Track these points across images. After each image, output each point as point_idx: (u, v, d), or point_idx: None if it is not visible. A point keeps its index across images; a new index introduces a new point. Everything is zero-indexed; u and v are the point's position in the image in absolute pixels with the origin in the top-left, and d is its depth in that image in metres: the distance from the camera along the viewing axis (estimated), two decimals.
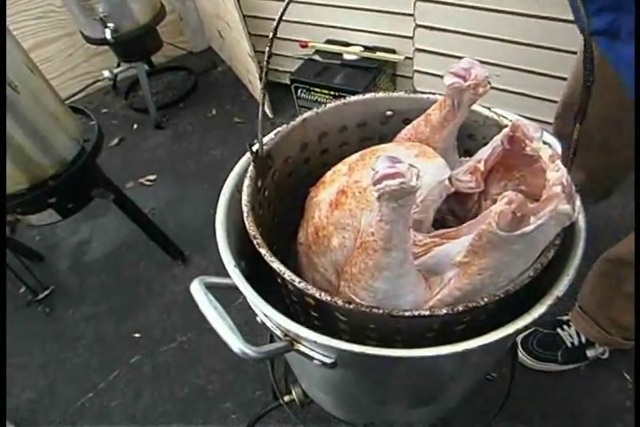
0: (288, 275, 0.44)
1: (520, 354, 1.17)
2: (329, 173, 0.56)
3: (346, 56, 1.65)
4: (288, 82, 1.72)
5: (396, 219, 0.39)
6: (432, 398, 0.63)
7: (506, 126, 0.54)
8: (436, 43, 1.47)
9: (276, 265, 0.45)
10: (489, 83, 0.52)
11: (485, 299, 0.42)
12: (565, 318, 1.18)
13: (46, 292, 1.51)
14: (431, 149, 0.53)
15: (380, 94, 0.63)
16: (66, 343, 1.40)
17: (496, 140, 0.51)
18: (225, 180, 0.60)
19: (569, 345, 1.15)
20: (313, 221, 0.53)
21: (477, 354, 0.49)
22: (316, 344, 0.44)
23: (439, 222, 0.56)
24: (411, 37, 1.52)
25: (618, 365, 1.16)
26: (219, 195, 0.57)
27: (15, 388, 1.33)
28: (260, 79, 0.49)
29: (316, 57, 1.69)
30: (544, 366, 1.17)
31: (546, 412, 1.12)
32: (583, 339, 1.14)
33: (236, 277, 0.46)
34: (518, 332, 0.40)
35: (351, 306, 0.43)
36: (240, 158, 0.62)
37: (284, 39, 1.80)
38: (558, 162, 0.43)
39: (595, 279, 1.05)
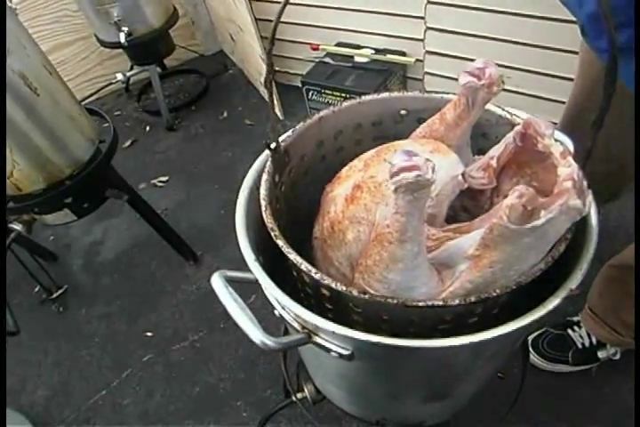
0: (305, 266, 0.45)
1: (531, 355, 1.17)
2: (345, 169, 0.57)
3: (357, 58, 1.67)
4: (299, 84, 1.74)
5: (412, 211, 0.40)
6: (444, 394, 0.64)
7: (519, 125, 0.55)
8: (446, 45, 1.48)
9: (293, 256, 0.46)
10: (503, 82, 0.53)
11: (497, 290, 0.42)
12: (576, 318, 1.18)
13: (60, 291, 1.53)
14: (445, 145, 0.54)
15: (395, 94, 0.64)
16: (79, 342, 1.42)
17: (508, 138, 0.52)
18: (237, 181, 0.60)
19: (579, 346, 1.15)
20: (329, 216, 0.54)
21: (492, 346, 0.49)
22: (333, 335, 0.45)
23: (452, 218, 0.57)
24: (421, 40, 1.53)
25: (629, 366, 1.16)
26: (230, 196, 0.58)
27: (29, 385, 1.35)
28: (268, 76, 0.50)
29: (327, 59, 1.71)
30: (555, 368, 1.17)
31: (556, 413, 1.12)
32: (594, 340, 1.14)
33: (256, 270, 0.47)
34: (533, 323, 0.40)
35: (366, 296, 0.44)
36: (255, 158, 0.63)
37: (295, 42, 1.82)
38: (569, 158, 0.43)
39: (602, 284, 1.05)
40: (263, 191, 0.54)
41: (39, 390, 1.34)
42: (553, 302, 0.41)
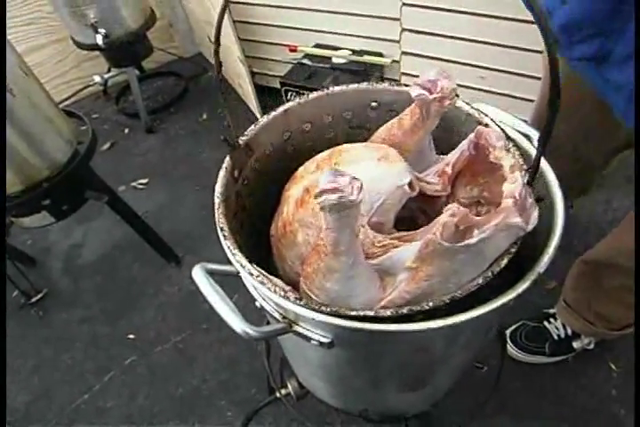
0: (248, 268, 0.47)
1: (509, 347, 1.20)
2: (300, 169, 0.57)
3: (334, 60, 1.68)
4: (278, 86, 1.75)
5: (342, 227, 0.40)
6: (423, 382, 0.65)
7: (486, 125, 0.57)
8: (422, 46, 1.51)
9: (237, 258, 0.47)
10: (457, 95, 0.53)
11: (430, 303, 0.43)
12: (552, 311, 1.21)
13: (39, 295, 1.51)
14: (395, 152, 0.54)
15: (364, 85, 0.63)
16: (60, 346, 1.41)
17: (463, 145, 0.53)
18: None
19: (555, 337, 1.18)
20: (282, 216, 0.55)
21: (466, 331, 0.51)
22: (313, 323, 0.47)
23: (410, 220, 0.57)
24: (397, 41, 1.56)
25: (603, 355, 1.20)
26: (211, 197, 0.57)
27: (10, 391, 1.33)
28: (217, 76, 0.51)
29: (306, 61, 1.72)
30: (532, 359, 1.20)
31: (534, 403, 1.15)
32: (569, 331, 1.17)
33: (235, 260, 0.48)
34: (503, 306, 0.42)
35: (301, 302, 0.45)
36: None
37: (273, 43, 1.83)
38: (517, 173, 0.44)
39: (575, 278, 1.09)
40: (218, 189, 0.54)
41: (20, 396, 1.32)
42: (522, 286, 0.43)
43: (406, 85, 0.62)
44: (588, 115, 0.87)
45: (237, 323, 0.45)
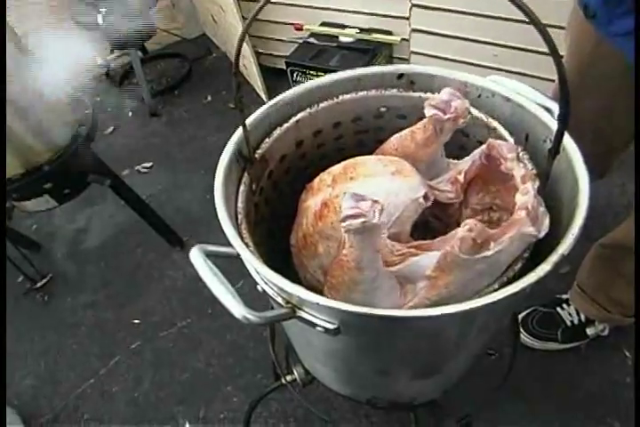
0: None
1: (520, 334, 1.17)
2: (316, 181, 0.59)
3: (341, 38, 1.63)
4: (284, 66, 1.71)
5: (364, 246, 0.42)
6: (434, 369, 0.63)
7: (494, 129, 0.59)
8: (432, 23, 1.45)
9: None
10: (470, 113, 0.55)
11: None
12: (565, 296, 1.18)
13: (44, 280, 1.50)
14: (409, 165, 0.55)
15: (373, 92, 0.64)
16: (65, 331, 1.40)
17: (475, 155, 0.54)
18: None
19: (569, 324, 1.15)
20: (302, 227, 0.57)
21: (483, 316, 0.48)
22: (318, 308, 0.44)
23: (424, 225, 0.60)
24: (407, 18, 1.50)
25: (617, 342, 1.16)
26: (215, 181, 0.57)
27: (16, 376, 1.32)
28: (236, 67, 0.48)
29: (312, 40, 1.67)
30: (545, 346, 1.17)
31: (547, 390, 1.12)
32: (583, 317, 1.14)
33: (236, 241, 0.46)
34: (524, 290, 0.39)
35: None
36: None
37: (278, 22, 1.78)
38: (529, 184, 0.46)
39: (592, 262, 1.05)
40: (240, 205, 0.55)
41: (26, 381, 1.32)
42: (544, 269, 0.40)
43: (413, 91, 0.63)
44: (614, 92, 0.83)
45: (237, 307, 0.42)
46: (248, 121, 0.58)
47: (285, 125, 0.63)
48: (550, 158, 0.43)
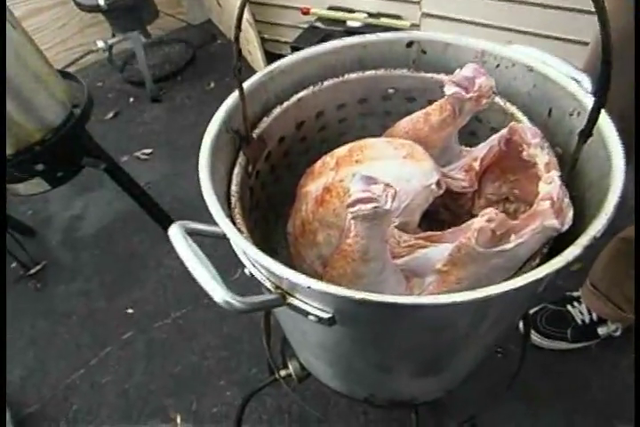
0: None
1: None
2: (318, 164, 0.54)
3: (349, 23, 1.58)
4: (289, 52, 1.65)
5: (372, 235, 0.39)
6: (439, 367, 0.58)
7: (511, 114, 0.53)
8: (444, 7, 1.40)
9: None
10: (494, 93, 0.49)
11: None
12: (575, 294, 1.13)
13: (38, 267, 1.47)
14: (422, 149, 0.51)
15: (382, 72, 0.60)
16: (57, 319, 1.36)
17: (493, 140, 0.50)
18: None
19: (579, 322, 1.10)
20: (300, 214, 0.53)
21: (498, 308, 0.43)
22: (310, 293, 0.39)
23: (432, 215, 0.55)
24: (417, 2, 1.45)
25: (629, 343, 1.11)
26: None
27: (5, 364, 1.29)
28: (237, 28, 0.43)
29: (318, 24, 1.62)
30: (553, 345, 1.12)
31: (555, 390, 1.07)
32: (594, 316, 1.09)
33: (220, 218, 0.41)
34: (547, 276, 0.34)
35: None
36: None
37: (284, 6, 1.72)
38: (554, 172, 0.42)
39: (608, 257, 1.00)
40: (233, 187, 0.51)
41: (15, 370, 1.28)
42: (573, 252, 0.35)
43: (425, 71, 0.58)
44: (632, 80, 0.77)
45: (217, 291, 0.38)
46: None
47: (286, 104, 0.59)
48: (581, 141, 0.38)
